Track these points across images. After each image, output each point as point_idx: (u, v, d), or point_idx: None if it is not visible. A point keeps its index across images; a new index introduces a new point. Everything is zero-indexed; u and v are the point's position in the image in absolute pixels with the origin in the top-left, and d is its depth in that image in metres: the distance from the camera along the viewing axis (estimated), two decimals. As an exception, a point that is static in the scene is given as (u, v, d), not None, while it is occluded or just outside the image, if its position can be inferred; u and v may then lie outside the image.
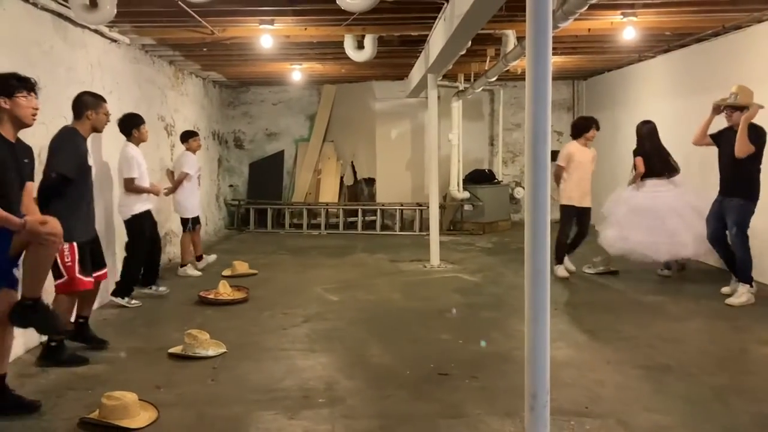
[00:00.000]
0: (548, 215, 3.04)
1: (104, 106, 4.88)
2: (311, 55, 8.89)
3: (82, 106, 4.79)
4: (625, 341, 5.06)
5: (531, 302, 3.07)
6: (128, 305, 6.12)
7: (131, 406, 3.61)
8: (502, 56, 7.04)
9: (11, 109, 3.58)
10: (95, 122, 4.80)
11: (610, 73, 11.14)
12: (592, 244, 7.64)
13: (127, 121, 6.24)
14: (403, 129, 12.14)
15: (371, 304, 6.40)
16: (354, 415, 3.71)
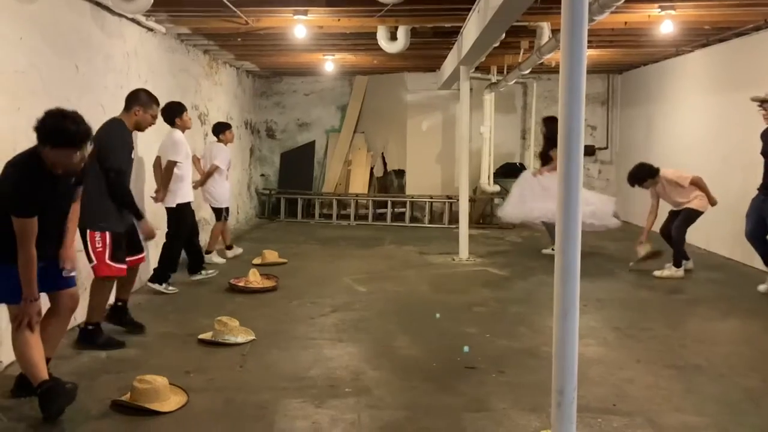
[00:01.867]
0: (579, 211, 3.01)
1: (154, 108, 4.95)
2: (344, 46, 8.91)
3: (134, 100, 4.88)
4: (655, 340, 4.99)
5: (560, 298, 3.04)
6: (165, 291, 6.23)
7: (162, 389, 3.68)
8: (536, 49, 6.97)
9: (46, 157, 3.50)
10: (140, 120, 4.86)
11: (646, 67, 10.95)
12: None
13: (169, 110, 6.32)
14: (434, 121, 12.10)
15: (399, 295, 6.41)
16: (379, 406, 3.73)
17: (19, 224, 3.39)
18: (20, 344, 3.55)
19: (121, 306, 5.05)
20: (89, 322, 4.69)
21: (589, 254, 8.13)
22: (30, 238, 3.40)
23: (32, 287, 3.45)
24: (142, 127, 4.94)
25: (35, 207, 3.43)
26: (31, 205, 3.42)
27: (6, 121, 4.29)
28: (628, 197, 11.88)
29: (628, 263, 7.61)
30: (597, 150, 12.40)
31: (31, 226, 3.40)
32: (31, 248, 3.41)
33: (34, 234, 3.41)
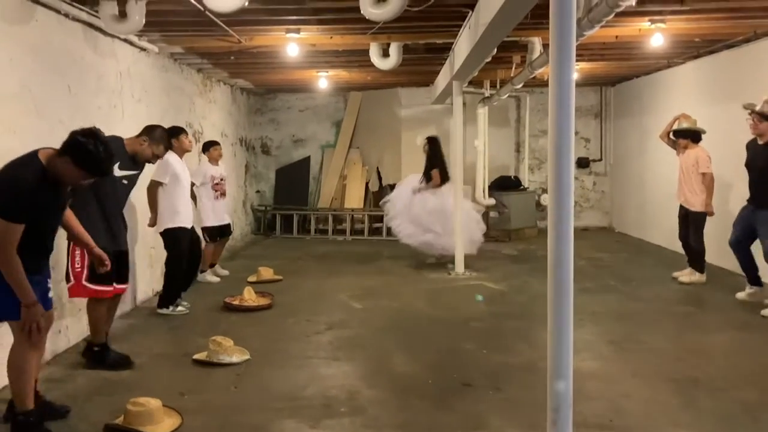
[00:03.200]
0: (572, 223, 3.01)
1: (160, 149, 4.95)
2: (337, 63, 8.94)
3: (148, 131, 4.91)
4: (651, 353, 4.98)
5: (554, 312, 3.03)
6: (173, 313, 6.19)
7: (155, 412, 3.64)
8: (528, 63, 7.00)
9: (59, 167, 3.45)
10: (140, 150, 4.80)
11: (638, 79, 11.02)
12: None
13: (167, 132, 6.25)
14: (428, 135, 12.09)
15: (395, 311, 6.39)
16: (375, 425, 3.71)
17: (4, 228, 3.24)
18: (20, 359, 3.46)
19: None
20: (93, 343, 4.67)
21: (585, 267, 8.14)
22: (12, 245, 3.27)
23: (26, 291, 3.33)
24: (139, 159, 4.84)
25: (26, 214, 3.31)
26: (23, 212, 3.31)
27: (2, 142, 4.28)
28: (623, 209, 11.93)
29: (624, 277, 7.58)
30: (591, 162, 12.44)
31: (15, 233, 3.27)
32: (13, 253, 3.28)
33: (15, 243, 3.28)
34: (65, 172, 3.42)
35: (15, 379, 3.50)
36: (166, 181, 6.10)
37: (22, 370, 3.48)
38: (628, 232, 11.53)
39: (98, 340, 4.68)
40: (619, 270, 8.30)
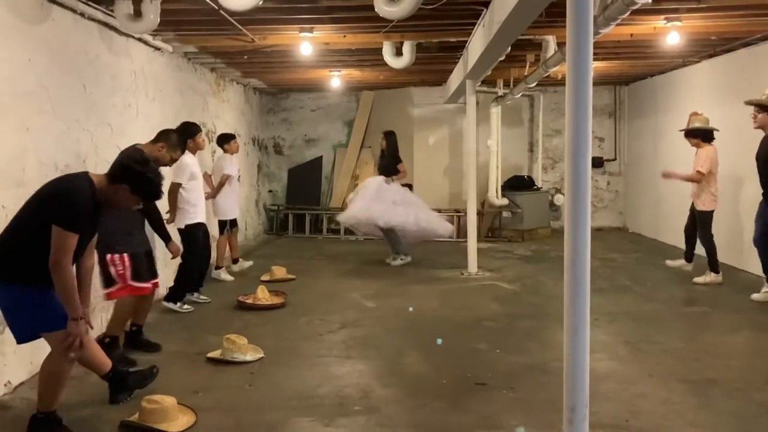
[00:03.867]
0: (588, 223, 2.99)
1: (177, 153, 5.17)
2: (350, 62, 8.94)
3: (164, 137, 5.07)
4: (668, 354, 4.94)
5: (570, 313, 3.01)
6: (180, 310, 6.24)
7: (170, 410, 3.65)
8: (542, 62, 6.97)
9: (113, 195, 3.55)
10: (159, 156, 4.92)
11: (653, 78, 10.94)
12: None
13: (181, 132, 6.31)
14: (441, 135, 12.10)
15: (408, 311, 6.37)
16: (389, 424, 3.70)
17: (62, 237, 3.29)
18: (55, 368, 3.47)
19: (135, 330, 5.07)
20: (107, 334, 4.76)
21: (599, 267, 8.09)
22: (69, 253, 3.33)
23: (76, 305, 3.37)
24: (157, 164, 4.87)
25: (81, 227, 3.39)
26: (80, 223, 3.39)
27: (16, 141, 4.32)
28: (637, 210, 11.85)
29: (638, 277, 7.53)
30: (605, 162, 12.36)
31: (73, 242, 3.33)
32: (69, 264, 3.34)
33: (71, 253, 3.35)
34: (120, 198, 3.55)
35: (46, 385, 3.51)
36: (185, 181, 6.15)
37: (56, 378, 3.50)
38: (642, 233, 11.45)
39: (113, 332, 4.78)
40: (633, 270, 8.24)
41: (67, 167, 4.93)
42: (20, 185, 4.34)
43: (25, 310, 3.39)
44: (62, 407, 3.56)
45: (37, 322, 3.42)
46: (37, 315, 3.40)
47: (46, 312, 3.40)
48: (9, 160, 4.24)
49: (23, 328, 3.46)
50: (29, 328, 3.45)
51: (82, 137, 5.23)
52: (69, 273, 3.35)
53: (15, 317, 3.44)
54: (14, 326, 3.47)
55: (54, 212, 3.33)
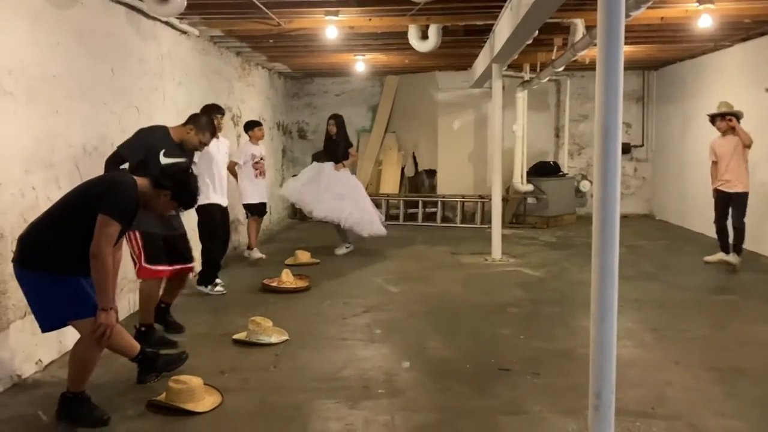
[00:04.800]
0: (618, 209, 2.95)
1: (207, 136, 5.01)
2: (375, 46, 8.90)
3: (194, 120, 5.00)
4: (694, 341, 4.88)
5: (598, 299, 2.99)
6: (211, 293, 6.30)
7: (197, 390, 3.70)
8: (570, 46, 6.88)
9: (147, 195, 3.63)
10: (188, 139, 4.89)
11: (682, 62, 10.74)
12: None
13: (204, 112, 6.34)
14: (465, 120, 12.02)
15: (431, 296, 6.37)
16: (413, 408, 3.71)
17: (107, 226, 3.35)
18: (85, 353, 3.51)
19: (164, 308, 5.10)
20: (142, 323, 4.79)
21: (625, 254, 8.01)
22: (111, 243, 3.39)
23: (109, 295, 3.42)
24: (186, 146, 4.93)
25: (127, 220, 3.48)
26: (126, 216, 3.47)
27: (45, 123, 4.37)
28: (664, 196, 11.69)
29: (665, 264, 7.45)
30: (632, 148, 12.19)
31: (116, 232, 3.41)
32: (110, 254, 3.39)
33: (113, 241, 3.41)
34: (158, 203, 3.66)
35: (76, 368, 3.55)
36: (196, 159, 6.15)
37: (86, 363, 3.54)
38: (669, 220, 11.31)
39: (146, 320, 4.79)
40: (659, 258, 8.15)
41: (95, 150, 4.99)
42: (49, 167, 4.40)
43: (55, 298, 3.41)
44: (91, 386, 3.62)
45: (67, 310, 3.44)
46: (67, 303, 3.42)
47: (76, 300, 3.43)
48: (39, 143, 4.30)
49: (51, 316, 3.47)
50: (57, 316, 3.47)
51: (109, 120, 5.28)
52: (109, 262, 3.39)
53: (42, 304, 3.46)
54: (41, 314, 3.48)
55: (104, 202, 3.40)
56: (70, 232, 3.42)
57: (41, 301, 3.46)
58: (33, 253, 3.42)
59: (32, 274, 3.42)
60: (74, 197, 3.57)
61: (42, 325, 3.51)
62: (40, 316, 3.50)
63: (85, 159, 4.86)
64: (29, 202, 4.13)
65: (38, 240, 3.44)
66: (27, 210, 4.03)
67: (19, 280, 3.49)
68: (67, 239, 3.41)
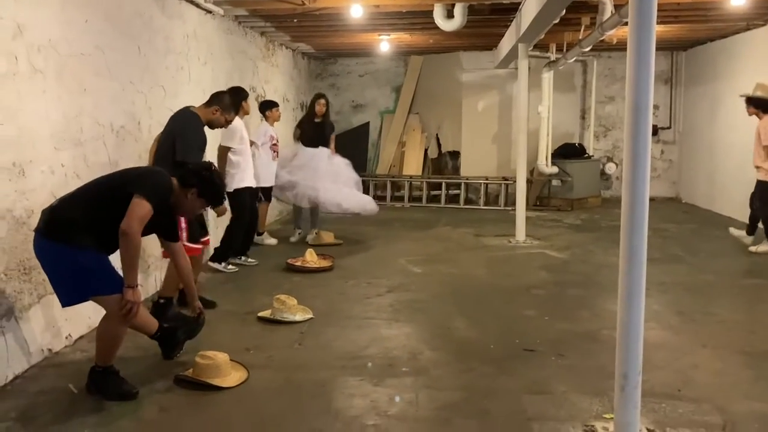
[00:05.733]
0: (647, 191, 2.92)
1: (231, 114, 5.14)
2: (399, 26, 8.83)
3: (217, 100, 5.06)
4: (722, 325, 4.83)
5: (625, 281, 2.96)
6: (224, 270, 6.37)
7: (223, 365, 3.74)
8: (598, 25, 6.76)
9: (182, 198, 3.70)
10: (214, 119, 5.01)
11: (713, 43, 10.52)
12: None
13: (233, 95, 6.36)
14: (490, 101, 11.92)
15: (455, 277, 6.36)
16: (437, 386, 3.72)
17: (141, 206, 3.40)
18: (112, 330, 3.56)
19: None
20: (162, 295, 4.87)
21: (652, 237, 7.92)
22: (142, 223, 3.43)
23: (135, 274, 3.45)
24: (213, 126, 5.08)
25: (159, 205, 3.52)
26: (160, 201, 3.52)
27: (74, 102, 4.41)
28: (692, 180, 11.52)
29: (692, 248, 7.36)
30: (659, 130, 12.01)
31: (148, 213, 3.44)
32: (139, 233, 3.43)
33: (144, 223, 3.45)
34: (188, 203, 3.72)
35: (103, 344, 3.60)
36: (235, 145, 6.22)
37: (113, 338, 3.59)
38: (697, 203, 11.15)
39: (167, 293, 4.86)
40: (686, 241, 8.05)
41: (123, 128, 5.03)
42: (78, 145, 4.45)
43: (78, 272, 3.43)
44: (119, 361, 3.67)
45: (90, 284, 3.46)
46: (91, 277, 3.45)
47: (100, 275, 3.47)
48: (68, 121, 4.34)
49: (72, 290, 3.49)
50: (79, 291, 3.49)
51: (136, 99, 5.32)
52: (137, 241, 3.44)
53: (65, 278, 3.47)
54: (62, 288, 3.51)
55: (140, 184, 3.50)
56: (101, 213, 3.46)
57: (63, 275, 3.47)
58: (62, 225, 3.44)
59: (56, 245, 3.42)
60: (112, 181, 3.66)
61: (62, 299, 3.53)
62: (60, 290, 3.52)
63: (113, 137, 4.91)
64: (59, 180, 4.18)
65: (70, 216, 3.47)
66: (57, 187, 4.08)
67: (40, 250, 3.50)
68: (98, 220, 3.46)
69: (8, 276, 3.73)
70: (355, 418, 3.32)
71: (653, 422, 3.21)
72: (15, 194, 3.79)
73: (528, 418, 3.31)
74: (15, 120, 3.79)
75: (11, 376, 3.73)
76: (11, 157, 3.76)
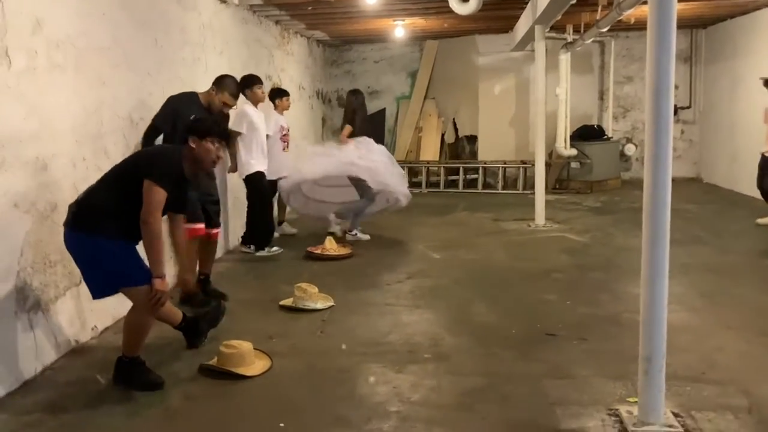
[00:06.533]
0: (670, 172, 2.89)
1: (226, 95, 5.14)
2: (414, 10, 8.78)
3: (215, 82, 5.19)
4: (747, 306, 4.78)
5: (649, 262, 2.95)
6: (269, 254, 6.57)
7: (247, 354, 3.78)
8: (616, 5, 6.65)
9: (197, 151, 3.70)
10: (210, 100, 5.10)
11: (733, 20, 10.33)
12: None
13: (240, 83, 6.38)
14: (507, 84, 11.83)
15: (474, 263, 6.36)
16: (459, 372, 3.73)
17: (153, 191, 3.42)
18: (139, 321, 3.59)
19: (203, 279, 5.21)
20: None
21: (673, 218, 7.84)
22: (159, 209, 3.46)
23: (161, 263, 3.48)
24: (211, 108, 5.10)
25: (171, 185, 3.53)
26: (169, 181, 3.53)
27: (93, 95, 4.44)
28: (713, 159, 11.38)
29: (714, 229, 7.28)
30: (679, 109, 11.85)
31: (162, 198, 3.46)
32: (159, 221, 3.46)
33: (161, 208, 3.48)
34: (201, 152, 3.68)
35: (130, 334, 3.64)
36: (243, 130, 6.27)
37: (140, 329, 3.63)
38: (718, 183, 11.01)
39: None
40: (708, 222, 7.97)
41: (142, 120, 5.06)
42: (98, 138, 4.49)
43: (108, 263, 3.49)
44: (145, 351, 3.72)
45: (121, 276, 3.50)
46: (122, 269, 3.49)
47: (131, 267, 3.51)
48: (88, 114, 4.37)
49: (104, 282, 3.55)
50: (109, 282, 3.55)
51: (154, 91, 5.33)
52: (158, 229, 3.45)
53: (97, 270, 3.53)
54: (92, 280, 3.57)
55: (148, 168, 3.51)
56: (122, 199, 3.50)
57: (93, 267, 3.53)
58: (88, 216, 3.49)
59: (85, 237, 3.48)
60: (125, 166, 3.68)
61: (93, 291, 3.60)
62: (91, 283, 3.58)
63: (132, 129, 4.94)
64: (81, 173, 4.22)
65: (95, 204, 3.52)
66: (79, 181, 4.12)
67: (70, 244, 3.55)
68: (120, 206, 3.49)
69: (34, 269, 3.79)
70: (378, 404, 3.34)
71: (678, 405, 3.20)
72: (38, 188, 3.84)
73: (551, 402, 3.31)
74: (36, 114, 3.83)
75: (40, 368, 3.79)
76: (34, 152, 3.80)
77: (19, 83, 3.68)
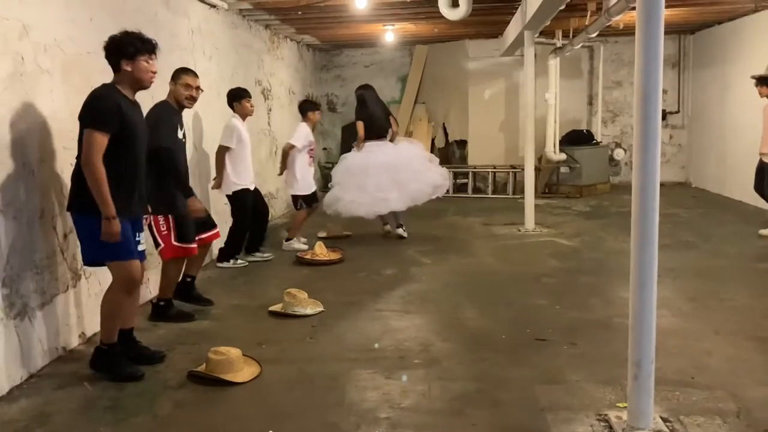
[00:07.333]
0: (658, 177, 2.90)
1: (182, 78, 4.82)
2: (404, 15, 8.79)
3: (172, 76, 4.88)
4: (735, 311, 4.80)
5: (637, 268, 2.95)
6: (234, 265, 6.38)
7: (236, 360, 3.76)
8: (605, 10, 6.70)
9: (132, 72, 3.72)
10: (175, 93, 4.80)
11: (720, 25, 10.42)
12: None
13: (229, 95, 6.38)
14: (496, 89, 11.87)
15: (464, 267, 6.36)
16: (450, 377, 3.72)
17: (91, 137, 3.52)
18: (114, 301, 3.72)
19: (189, 282, 5.12)
20: (161, 298, 4.84)
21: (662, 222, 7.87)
22: (99, 153, 3.52)
23: (108, 204, 3.51)
24: (181, 101, 4.79)
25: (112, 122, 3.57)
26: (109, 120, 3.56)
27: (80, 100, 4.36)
28: (701, 164, 11.45)
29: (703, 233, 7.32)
30: (668, 114, 11.92)
31: (102, 141, 3.53)
32: (100, 164, 3.51)
33: (101, 151, 3.53)
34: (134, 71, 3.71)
35: (105, 317, 3.74)
36: (233, 145, 6.17)
37: (114, 308, 3.72)
38: (707, 188, 11.09)
39: (166, 295, 4.83)
40: (697, 226, 8.01)
41: (131, 126, 5.02)
42: (87, 143, 4.45)
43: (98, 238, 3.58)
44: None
45: (105, 250, 3.63)
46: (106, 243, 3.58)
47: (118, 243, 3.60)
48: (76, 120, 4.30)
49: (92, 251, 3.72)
50: (99, 253, 3.69)
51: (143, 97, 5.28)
52: (99, 172, 3.51)
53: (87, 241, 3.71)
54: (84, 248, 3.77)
55: (84, 119, 3.62)
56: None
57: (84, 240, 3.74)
58: (75, 195, 3.68)
59: (78, 216, 3.71)
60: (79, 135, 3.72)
61: (84, 258, 3.82)
62: (83, 250, 3.77)
63: (121, 135, 4.89)
64: (68, 179, 4.16)
65: (76, 186, 3.67)
66: (66, 187, 4.08)
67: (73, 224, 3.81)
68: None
69: (20, 276, 3.75)
70: (368, 410, 3.32)
71: (667, 410, 3.20)
72: (25, 194, 3.80)
73: (541, 407, 3.31)
74: (24, 120, 3.80)
75: (26, 375, 3.75)
76: (21, 158, 3.77)
77: (6, 88, 3.65)
